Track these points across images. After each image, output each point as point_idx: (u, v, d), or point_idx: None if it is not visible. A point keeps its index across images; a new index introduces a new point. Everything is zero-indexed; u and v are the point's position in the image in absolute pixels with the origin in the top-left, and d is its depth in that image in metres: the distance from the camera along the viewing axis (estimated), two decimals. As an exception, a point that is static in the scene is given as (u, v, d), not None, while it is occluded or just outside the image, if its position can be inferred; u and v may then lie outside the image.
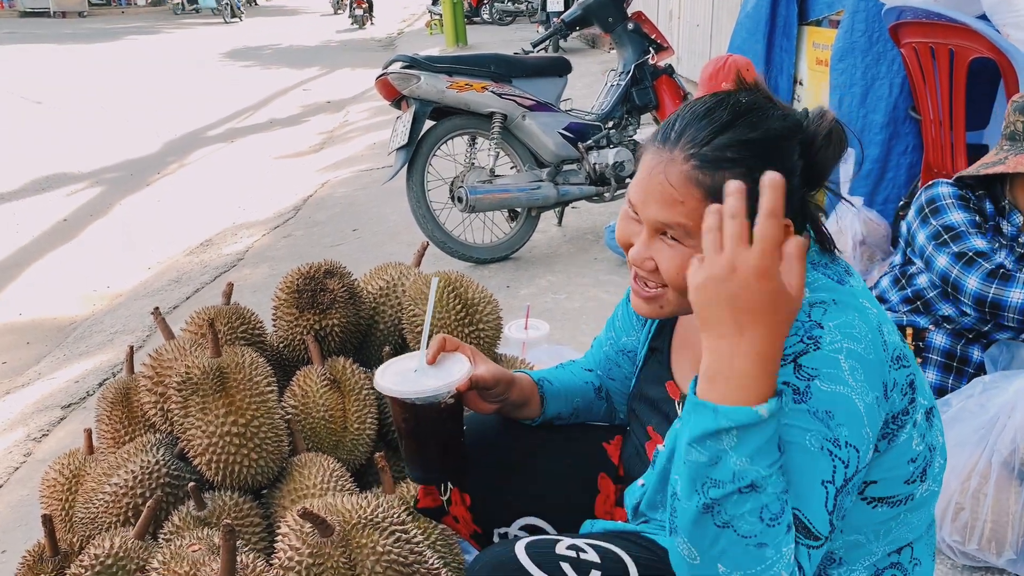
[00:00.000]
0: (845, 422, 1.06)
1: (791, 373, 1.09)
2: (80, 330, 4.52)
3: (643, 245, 1.24)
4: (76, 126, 10.32)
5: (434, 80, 4.31)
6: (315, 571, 1.51)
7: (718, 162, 1.15)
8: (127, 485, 1.86)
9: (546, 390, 1.60)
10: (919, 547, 1.29)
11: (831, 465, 1.05)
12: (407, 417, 1.43)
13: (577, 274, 4.46)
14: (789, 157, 1.18)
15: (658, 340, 1.52)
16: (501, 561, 1.25)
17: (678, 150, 1.18)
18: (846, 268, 1.27)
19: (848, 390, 1.07)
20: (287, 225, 5.85)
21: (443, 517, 1.66)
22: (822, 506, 1.04)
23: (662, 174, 1.19)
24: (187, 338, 2.15)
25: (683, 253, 1.19)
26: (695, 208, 1.16)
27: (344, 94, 11.90)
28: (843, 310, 1.13)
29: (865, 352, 1.09)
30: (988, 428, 2.19)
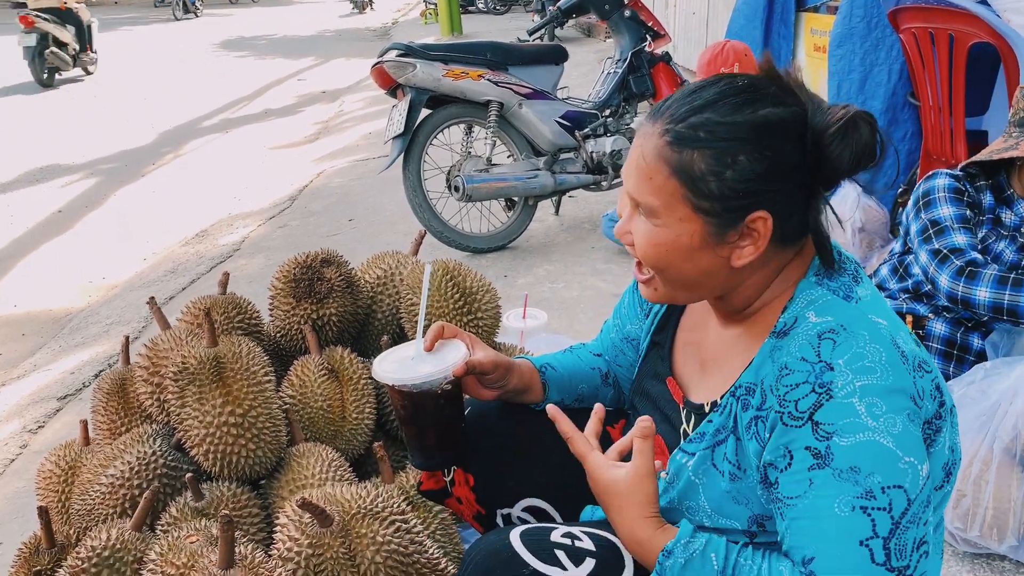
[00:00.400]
0: (875, 469, 1.05)
1: (810, 434, 1.08)
2: (75, 321, 4.50)
3: (626, 218, 1.23)
4: (70, 117, 10.27)
5: (430, 68, 4.28)
6: (314, 562, 1.50)
7: (688, 140, 1.13)
8: (124, 476, 1.85)
9: (548, 376, 1.59)
10: (931, 540, 1.28)
11: (868, 521, 1.05)
12: (405, 404, 1.43)
13: (575, 263, 4.45)
14: (778, 148, 1.12)
15: (660, 335, 1.49)
16: (496, 549, 1.24)
17: (658, 123, 1.17)
18: (853, 274, 1.22)
19: (870, 433, 1.05)
20: (283, 215, 5.83)
21: (446, 499, 1.65)
22: (869, 564, 1.04)
23: (640, 147, 1.18)
24: (183, 328, 2.13)
25: (650, 231, 1.19)
26: (661, 185, 1.15)
27: (339, 84, 11.84)
28: (852, 337, 1.10)
29: (881, 379, 1.07)
30: (989, 415, 2.18)
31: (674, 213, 1.15)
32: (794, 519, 1.10)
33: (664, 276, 1.22)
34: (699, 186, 1.13)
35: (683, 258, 1.18)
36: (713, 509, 1.23)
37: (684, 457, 1.27)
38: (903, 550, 1.05)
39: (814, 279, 1.20)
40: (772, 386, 1.13)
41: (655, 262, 1.20)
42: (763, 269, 1.22)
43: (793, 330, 1.15)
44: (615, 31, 5.01)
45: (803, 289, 1.20)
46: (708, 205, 1.14)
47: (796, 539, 1.09)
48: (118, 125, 9.66)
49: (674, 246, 1.17)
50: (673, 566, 1.14)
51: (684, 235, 1.16)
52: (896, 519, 1.04)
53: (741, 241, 1.17)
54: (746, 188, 1.12)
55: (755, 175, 1.12)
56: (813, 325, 1.13)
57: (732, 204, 1.13)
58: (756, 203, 1.14)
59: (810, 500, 1.07)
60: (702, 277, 1.21)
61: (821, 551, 1.06)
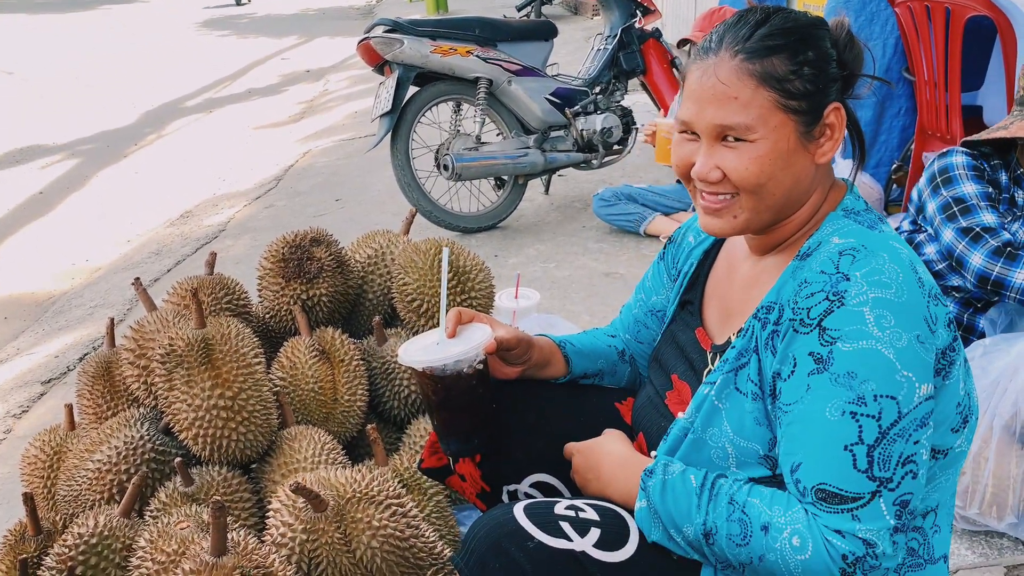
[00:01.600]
0: (871, 376, 1.09)
1: (816, 340, 1.13)
2: (59, 304, 4.43)
3: (706, 156, 1.24)
4: (50, 97, 10.10)
5: (417, 44, 4.21)
6: (309, 547, 1.47)
7: (764, 50, 1.20)
8: (110, 461, 1.81)
9: (568, 351, 1.60)
10: (942, 513, 1.28)
11: (855, 427, 1.09)
12: (437, 389, 1.40)
13: (566, 242, 4.41)
14: (824, 43, 1.23)
15: (690, 292, 1.51)
16: (500, 523, 1.25)
17: (723, 51, 1.22)
18: (880, 217, 1.29)
19: (873, 342, 1.09)
20: (269, 195, 5.75)
21: (448, 478, 1.63)
22: (850, 469, 1.08)
23: (712, 76, 1.21)
24: (170, 309, 2.08)
25: (749, 150, 1.21)
26: (751, 99, 1.19)
27: (324, 63, 11.67)
28: (872, 255, 1.15)
29: (896, 296, 1.11)
30: (989, 392, 2.16)
31: (769, 122, 1.20)
32: (788, 424, 1.15)
33: (760, 194, 1.23)
34: (786, 87, 1.20)
35: (783, 165, 1.22)
36: (735, 431, 1.24)
37: (706, 387, 1.28)
38: (887, 461, 1.08)
39: (842, 212, 1.27)
40: (790, 300, 1.19)
41: (757, 179, 1.21)
42: (819, 187, 1.29)
43: (816, 252, 1.22)
44: (605, 7, 4.94)
45: (830, 220, 1.27)
46: (796, 104, 1.20)
47: (787, 445, 1.15)
48: (99, 105, 9.51)
49: (776, 155, 1.21)
50: (654, 485, 1.22)
51: (781, 140, 1.21)
52: (884, 428, 1.08)
53: (822, 138, 1.24)
54: (821, 80, 1.21)
55: (821, 67, 1.22)
56: (836, 245, 1.19)
57: (814, 98, 1.21)
58: (828, 95, 1.23)
59: (805, 405, 1.12)
60: (794, 185, 1.25)
61: (807, 456, 1.11)
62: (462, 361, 1.38)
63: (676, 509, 1.20)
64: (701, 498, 1.18)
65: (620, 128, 4.69)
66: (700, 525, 1.17)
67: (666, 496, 1.21)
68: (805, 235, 1.29)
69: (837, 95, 1.25)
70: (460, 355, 1.38)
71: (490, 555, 1.21)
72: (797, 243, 1.30)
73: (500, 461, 1.53)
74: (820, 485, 1.09)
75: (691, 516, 1.18)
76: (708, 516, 1.17)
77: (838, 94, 1.25)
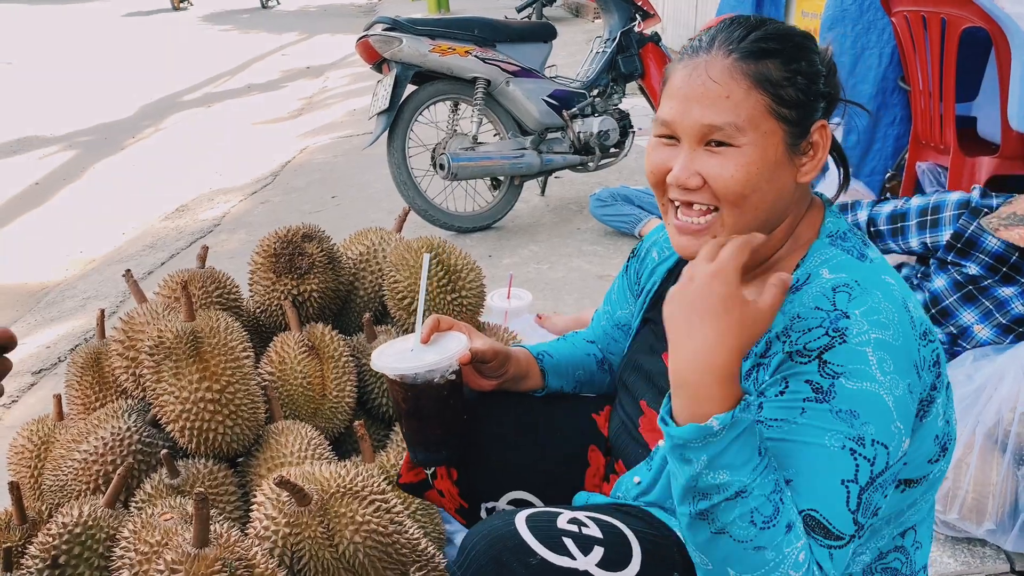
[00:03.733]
0: (872, 420, 1.04)
1: (815, 371, 1.07)
2: (52, 295, 4.42)
3: (686, 160, 1.17)
4: (48, 88, 10.09)
5: (416, 43, 4.21)
6: (292, 541, 1.47)
7: (760, 52, 1.16)
8: (97, 452, 1.81)
9: (546, 363, 1.57)
10: (922, 529, 1.27)
11: (853, 464, 1.04)
12: (408, 397, 1.38)
13: (560, 244, 4.41)
14: (815, 58, 1.19)
15: (653, 311, 1.47)
16: (501, 535, 1.18)
17: (715, 50, 1.17)
18: (863, 240, 1.25)
19: (876, 386, 1.05)
20: (264, 191, 5.75)
21: (426, 492, 1.61)
22: (843, 506, 1.03)
23: (703, 74, 1.16)
24: (160, 302, 2.08)
25: (735, 156, 1.15)
26: (743, 99, 1.14)
27: (323, 60, 11.68)
28: (867, 293, 1.11)
29: (894, 339, 1.07)
30: (974, 398, 2.17)
31: (759, 127, 1.15)
32: (777, 440, 1.07)
33: (741, 207, 1.17)
34: (780, 93, 1.15)
35: (769, 177, 1.16)
36: None
37: None
38: (867, 509, 1.05)
39: (827, 240, 1.23)
40: (780, 333, 1.13)
41: (742, 188, 1.15)
42: (795, 209, 1.24)
43: (806, 285, 1.17)
44: (604, 10, 4.94)
45: (816, 248, 1.22)
46: (788, 112, 1.16)
47: (776, 459, 1.07)
48: (97, 97, 9.50)
49: (763, 163, 1.15)
50: (741, 424, 1.01)
51: (770, 148, 1.16)
52: (873, 475, 1.04)
53: (805, 155, 1.20)
54: (811, 92, 1.17)
55: (812, 80, 1.18)
56: (827, 280, 1.14)
57: (804, 110, 1.17)
58: (816, 110, 1.19)
59: (800, 426, 1.06)
60: (776, 200, 1.20)
61: (800, 477, 1.05)
62: (434, 371, 1.36)
63: (736, 456, 1.00)
64: (761, 462, 1.02)
65: (617, 131, 4.70)
66: (740, 483, 1.00)
67: (738, 441, 1.01)
68: (786, 266, 1.24)
69: (824, 114, 1.21)
70: (433, 364, 1.36)
71: (490, 568, 1.14)
72: (778, 269, 1.24)
73: (477, 477, 1.52)
74: (811, 511, 1.03)
75: (740, 470, 1.00)
76: (755, 481, 1.01)
77: (824, 113, 1.21)
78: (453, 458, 1.49)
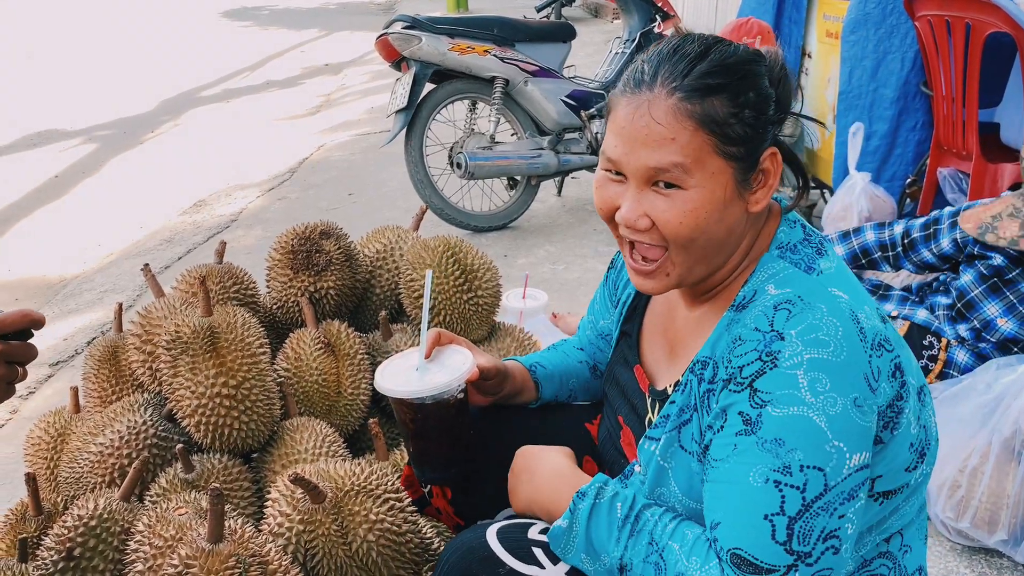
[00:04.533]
0: (799, 445, 1.03)
1: (746, 401, 1.07)
2: (70, 288, 4.45)
3: (634, 202, 1.15)
4: (69, 81, 10.16)
5: (435, 42, 4.21)
6: (306, 538, 1.47)
7: (705, 90, 1.12)
8: (113, 445, 1.81)
9: (539, 374, 1.57)
10: (909, 533, 1.25)
11: (778, 497, 1.03)
12: (416, 418, 1.38)
13: (576, 245, 4.40)
14: (763, 82, 1.16)
15: (628, 324, 1.46)
16: (471, 547, 1.22)
17: (658, 87, 1.13)
18: (818, 247, 1.21)
19: (804, 409, 1.03)
20: (282, 187, 5.77)
21: (424, 508, 1.63)
22: (768, 539, 1.03)
23: (647, 115, 1.12)
24: (178, 296, 2.09)
25: (683, 199, 1.13)
26: (689, 141, 1.11)
27: (342, 57, 11.69)
28: (809, 309, 1.08)
29: (834, 355, 1.05)
30: (992, 407, 2.15)
31: (707, 168, 1.12)
32: (713, 482, 1.09)
33: (689, 249, 1.16)
34: (726, 131, 1.12)
35: (717, 217, 1.14)
36: (683, 492, 1.19)
37: (650, 444, 1.23)
38: (807, 535, 1.03)
39: (776, 252, 1.20)
40: (723, 356, 1.13)
41: (691, 232, 1.14)
42: (750, 231, 1.22)
43: (752, 303, 1.14)
44: (624, 10, 4.93)
45: (765, 262, 1.19)
46: (735, 150, 1.13)
47: (709, 501, 1.09)
48: (117, 91, 9.55)
49: (711, 205, 1.13)
50: (584, 508, 1.17)
51: (718, 188, 1.13)
52: (807, 501, 1.02)
53: (756, 185, 1.18)
54: (759, 123, 1.15)
55: (761, 109, 1.15)
56: (771, 297, 1.12)
57: (752, 143, 1.15)
58: (765, 139, 1.16)
59: (730, 465, 1.07)
60: (726, 237, 1.18)
61: (727, 518, 1.06)
62: (447, 391, 1.36)
63: (597, 536, 1.15)
64: (623, 531, 1.14)
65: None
66: (617, 558, 1.13)
67: (591, 521, 1.16)
68: (739, 279, 1.23)
69: (773, 138, 1.18)
70: (443, 387, 1.35)
71: None
72: (731, 288, 1.23)
73: (473, 496, 1.52)
74: (736, 549, 1.04)
75: (609, 547, 1.14)
76: (626, 551, 1.13)
77: (774, 137, 1.18)
78: (460, 476, 1.48)
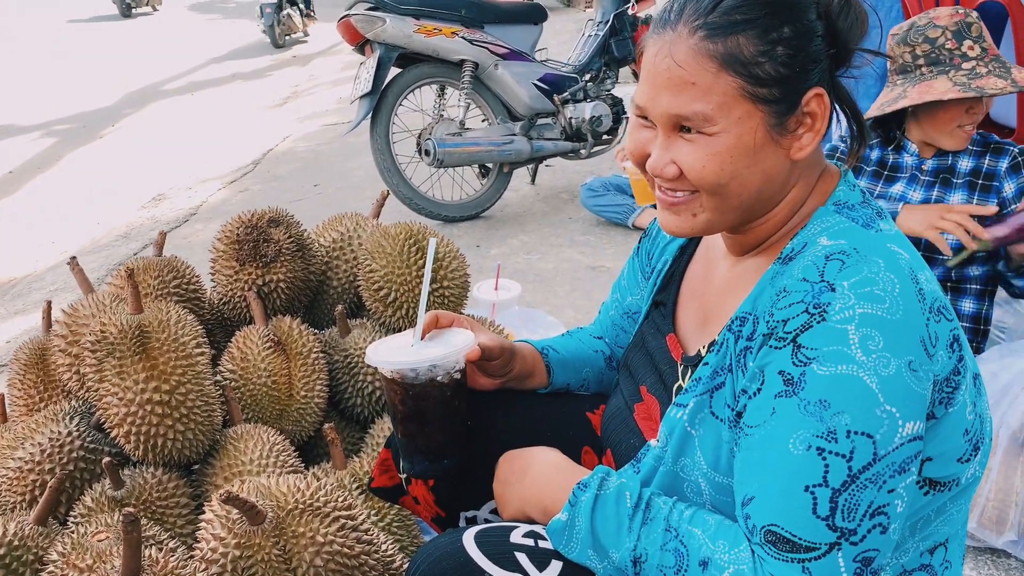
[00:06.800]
0: (846, 408, 0.92)
1: (788, 358, 0.97)
2: (19, 287, 4.23)
3: (661, 149, 1.07)
4: (26, 75, 9.85)
5: (400, 23, 4.03)
6: (242, 565, 1.29)
7: (729, 27, 1.02)
8: (33, 460, 1.62)
9: (551, 358, 1.44)
10: (953, 547, 1.12)
11: (820, 466, 0.93)
12: (407, 397, 1.23)
13: (551, 234, 4.24)
14: (806, 15, 1.04)
15: (663, 294, 1.34)
16: (446, 553, 1.09)
17: (681, 26, 1.04)
18: (877, 211, 1.11)
19: (854, 367, 0.92)
20: (245, 179, 5.56)
21: (401, 498, 1.47)
22: (809, 514, 0.93)
23: (668, 57, 1.03)
24: (109, 293, 1.90)
25: (707, 144, 1.03)
26: (711, 86, 1.02)
27: (311, 49, 11.47)
28: (864, 261, 0.98)
29: (889, 312, 0.94)
30: (998, 398, 2.01)
31: (732, 113, 1.02)
32: (746, 450, 0.99)
33: (720, 195, 1.06)
34: (754, 72, 1.01)
35: (748, 163, 1.04)
36: (710, 465, 1.06)
37: (677, 411, 1.11)
38: (853, 510, 0.92)
39: (833, 207, 1.10)
40: (766, 311, 1.02)
41: (717, 177, 1.04)
42: (801, 183, 1.11)
43: (800, 255, 1.05)
44: (597, -9, 4.77)
45: (819, 216, 1.09)
46: (766, 92, 1.02)
47: (741, 474, 1.00)
48: (78, 85, 9.27)
49: (738, 151, 1.03)
50: (587, 500, 1.07)
51: (747, 134, 1.02)
52: (854, 472, 0.92)
53: (800, 129, 1.06)
54: (799, 61, 1.03)
55: (801, 46, 1.03)
56: (823, 247, 1.02)
57: (789, 84, 1.03)
58: (807, 79, 1.04)
59: (767, 431, 0.97)
60: (764, 184, 1.07)
61: (761, 490, 0.96)
62: (438, 367, 1.21)
63: (605, 530, 1.05)
64: (634, 519, 1.04)
65: (610, 117, 4.52)
66: (630, 550, 1.02)
67: (596, 514, 1.06)
68: (789, 233, 1.12)
69: (822, 77, 1.06)
70: (437, 359, 1.21)
71: None
72: (780, 243, 1.13)
73: (455, 486, 1.37)
74: (771, 526, 0.94)
75: (620, 539, 1.03)
76: (640, 541, 1.02)
77: (824, 75, 1.06)
78: (454, 469, 1.32)
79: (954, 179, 2.14)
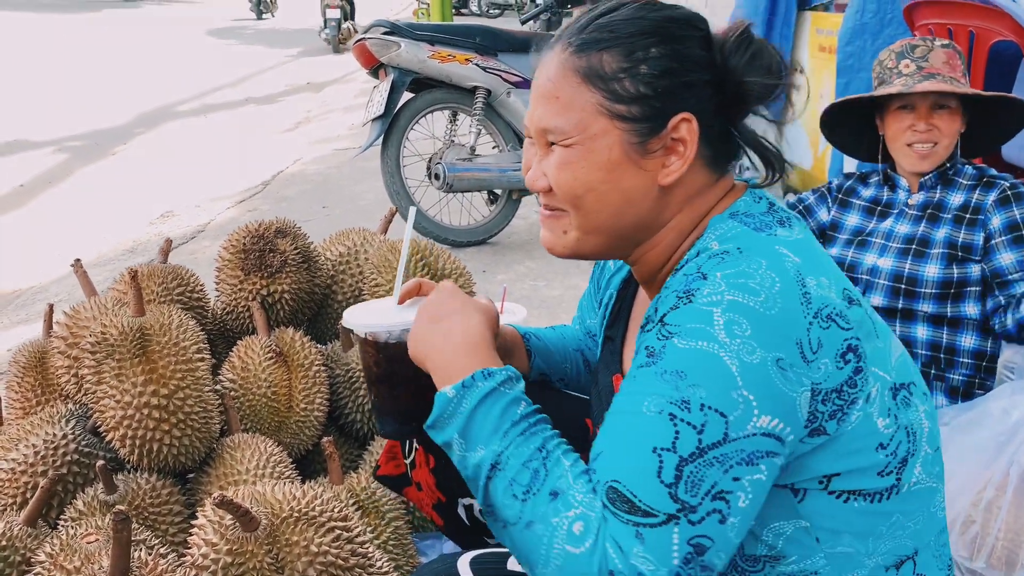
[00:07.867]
0: (702, 382, 0.91)
1: (654, 336, 0.97)
2: (23, 298, 4.22)
3: (536, 162, 1.10)
4: (45, 92, 9.95)
5: (415, 48, 4.06)
6: (233, 572, 1.26)
7: (595, 43, 1.04)
8: (27, 462, 1.60)
9: (533, 344, 1.44)
10: (924, 558, 1.06)
11: (671, 430, 0.90)
12: (379, 360, 1.25)
13: (557, 261, 4.19)
14: (685, 43, 1.05)
15: (612, 329, 1.33)
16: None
17: (559, 45, 1.08)
18: (783, 220, 1.07)
19: (715, 347, 0.92)
20: (253, 199, 5.57)
21: (405, 488, 1.47)
22: (653, 476, 0.90)
23: (542, 73, 1.08)
24: (112, 297, 1.89)
25: (563, 155, 1.05)
26: (571, 100, 1.04)
27: (325, 76, 11.58)
28: (744, 259, 0.98)
29: (763, 306, 0.93)
30: (1009, 435, 1.98)
31: (588, 128, 1.03)
32: (607, 416, 0.98)
33: (582, 209, 1.07)
34: (613, 87, 1.03)
35: (603, 178, 1.04)
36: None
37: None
38: (697, 485, 0.90)
39: (728, 215, 1.08)
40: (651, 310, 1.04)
41: (571, 188, 1.05)
42: (688, 207, 1.09)
43: (692, 261, 1.04)
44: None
45: (713, 224, 1.08)
46: (625, 109, 1.03)
47: (599, 437, 0.98)
48: (94, 104, 9.35)
49: (592, 165, 1.04)
50: (482, 388, 1.02)
51: (602, 150, 1.04)
52: (703, 445, 0.90)
53: (667, 155, 1.05)
54: (663, 84, 1.03)
55: (670, 68, 1.04)
56: (710, 251, 1.02)
57: (651, 104, 1.03)
58: (675, 104, 1.04)
59: (624, 396, 0.96)
60: (624, 205, 1.06)
61: (610, 445, 0.95)
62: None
63: (484, 424, 1.00)
64: (515, 427, 0.99)
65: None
66: (493, 453, 0.98)
67: (483, 404, 1.01)
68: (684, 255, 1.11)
69: (700, 106, 1.05)
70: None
71: None
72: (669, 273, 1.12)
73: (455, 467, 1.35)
74: (614, 482, 0.91)
75: (491, 439, 0.99)
76: (508, 448, 0.98)
77: (704, 105, 1.05)
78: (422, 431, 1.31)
79: (941, 214, 2.14)
